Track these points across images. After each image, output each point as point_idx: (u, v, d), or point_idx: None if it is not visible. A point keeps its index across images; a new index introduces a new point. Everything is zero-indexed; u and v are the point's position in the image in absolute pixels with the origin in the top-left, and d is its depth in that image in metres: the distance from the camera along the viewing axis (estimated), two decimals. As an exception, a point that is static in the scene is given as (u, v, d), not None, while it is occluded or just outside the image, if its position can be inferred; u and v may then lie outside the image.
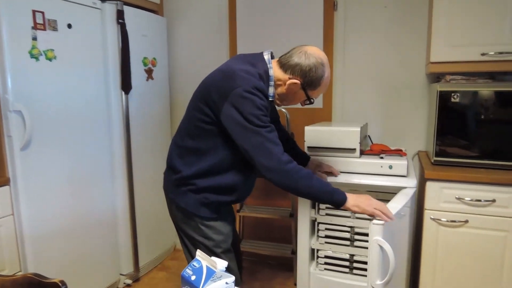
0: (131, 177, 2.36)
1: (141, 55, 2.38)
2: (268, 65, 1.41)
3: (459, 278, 1.81)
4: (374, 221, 1.33)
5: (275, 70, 1.42)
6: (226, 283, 0.68)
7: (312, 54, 1.38)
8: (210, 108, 1.35)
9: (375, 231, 1.33)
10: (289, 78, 1.40)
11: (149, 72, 2.45)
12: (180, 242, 1.58)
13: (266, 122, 1.31)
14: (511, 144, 1.77)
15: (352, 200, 1.37)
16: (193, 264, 0.71)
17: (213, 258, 0.72)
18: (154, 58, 2.51)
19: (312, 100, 1.46)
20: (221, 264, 0.70)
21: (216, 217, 1.48)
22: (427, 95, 2.27)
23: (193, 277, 0.69)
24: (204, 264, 0.70)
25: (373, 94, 2.38)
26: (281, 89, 1.44)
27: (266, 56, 1.43)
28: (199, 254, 0.73)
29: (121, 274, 2.41)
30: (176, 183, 1.48)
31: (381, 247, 1.32)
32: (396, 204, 1.48)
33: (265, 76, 1.40)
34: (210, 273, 0.69)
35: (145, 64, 2.41)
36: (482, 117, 1.80)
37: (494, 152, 1.80)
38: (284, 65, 1.41)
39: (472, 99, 1.81)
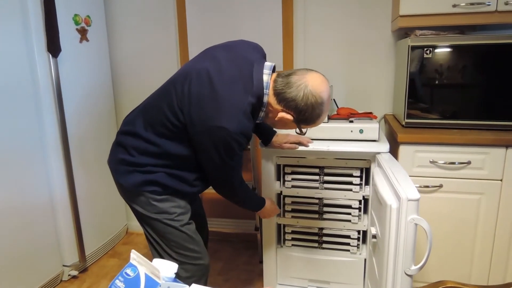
0: (68, 155, 2.03)
1: (71, 12, 2.01)
2: (265, 91, 1.20)
3: (433, 244, 1.72)
4: (409, 196, 1.14)
5: (269, 96, 1.21)
6: (176, 296, 0.47)
7: (312, 91, 1.15)
8: (184, 116, 1.19)
9: (411, 208, 1.14)
10: (282, 110, 1.20)
11: (82, 32, 2.09)
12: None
13: (238, 161, 1.28)
14: (486, 103, 1.67)
15: (264, 208, 1.57)
16: (125, 273, 0.49)
17: (157, 261, 0.50)
18: (88, 16, 2.14)
19: (304, 132, 1.27)
20: (168, 269, 0.49)
21: (167, 192, 1.31)
22: (394, 54, 2.12)
23: (126, 293, 0.47)
24: (142, 271, 0.48)
25: (336, 56, 2.20)
26: (272, 115, 1.25)
27: (266, 77, 1.20)
28: (134, 256, 0.51)
29: (64, 266, 2.12)
30: (122, 163, 1.29)
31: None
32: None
33: (258, 104, 1.20)
34: (152, 285, 0.47)
35: (76, 23, 2.05)
36: (456, 73, 1.67)
37: (469, 111, 1.69)
38: (278, 95, 1.19)
39: (446, 54, 1.67)
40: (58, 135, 1.98)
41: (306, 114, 1.18)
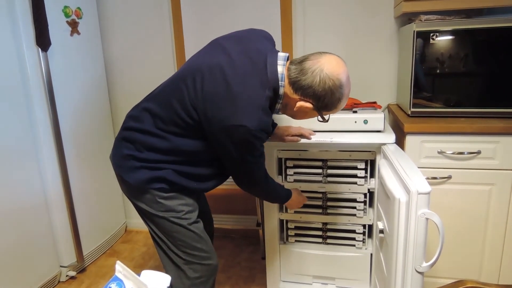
0: (61, 152, 1.96)
1: (61, 3, 1.93)
2: (280, 83, 1.15)
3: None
4: (418, 189, 1.07)
5: (285, 86, 1.17)
6: (167, 314, 0.41)
7: (329, 74, 1.09)
8: (199, 115, 1.14)
9: (421, 202, 1.08)
10: (300, 99, 1.15)
11: (73, 24, 2.01)
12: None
13: (260, 156, 1.22)
14: (496, 89, 1.59)
15: (291, 200, 1.51)
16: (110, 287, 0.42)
17: (147, 273, 0.44)
18: (79, 8, 2.06)
19: (327, 119, 1.21)
20: (159, 282, 0.42)
21: (175, 188, 1.26)
22: (397, 41, 2.04)
23: (109, 311, 0.41)
24: (129, 285, 0.42)
25: (337, 44, 2.12)
26: (290, 106, 1.19)
27: (280, 68, 1.14)
28: (119, 268, 0.44)
29: (61, 266, 2.06)
30: (128, 158, 1.23)
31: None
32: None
33: (274, 96, 1.16)
34: (139, 302, 0.41)
35: (67, 15, 1.97)
36: (464, 59, 1.60)
37: (477, 99, 1.61)
38: (294, 84, 1.13)
39: (454, 39, 1.59)
40: (50, 132, 1.91)
41: (326, 99, 1.12)
